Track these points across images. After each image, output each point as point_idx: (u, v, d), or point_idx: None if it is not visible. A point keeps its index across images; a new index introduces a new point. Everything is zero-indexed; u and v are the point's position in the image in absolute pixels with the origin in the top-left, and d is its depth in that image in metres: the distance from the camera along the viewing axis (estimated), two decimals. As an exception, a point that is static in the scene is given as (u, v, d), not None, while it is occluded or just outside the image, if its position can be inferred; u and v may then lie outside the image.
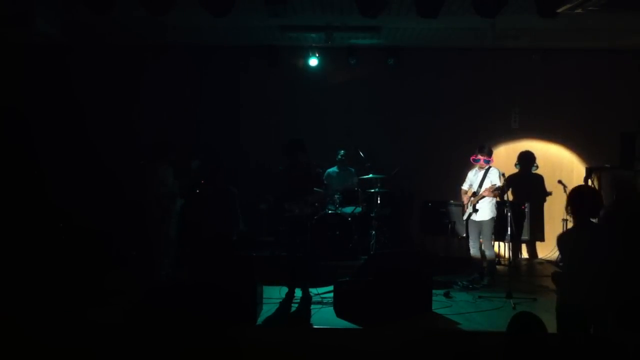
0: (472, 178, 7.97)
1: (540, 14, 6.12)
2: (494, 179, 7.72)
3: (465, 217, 7.90)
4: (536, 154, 9.86)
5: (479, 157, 7.83)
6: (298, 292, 7.16)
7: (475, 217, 7.76)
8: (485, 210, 7.77)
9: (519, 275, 8.68)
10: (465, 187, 8.04)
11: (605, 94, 9.85)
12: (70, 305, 7.07)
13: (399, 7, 6.88)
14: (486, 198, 7.71)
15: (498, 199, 7.68)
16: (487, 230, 7.84)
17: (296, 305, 7.01)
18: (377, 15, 6.28)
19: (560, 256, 4.77)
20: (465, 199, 7.94)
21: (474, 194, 7.80)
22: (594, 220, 4.60)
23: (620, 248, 4.35)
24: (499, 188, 7.62)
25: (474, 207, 7.74)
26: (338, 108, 10.05)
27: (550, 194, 9.74)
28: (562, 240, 4.61)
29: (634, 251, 4.57)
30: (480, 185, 7.80)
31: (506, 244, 9.17)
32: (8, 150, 7.17)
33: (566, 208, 4.57)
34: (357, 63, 9.90)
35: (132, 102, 10.02)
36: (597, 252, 4.33)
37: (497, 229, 7.96)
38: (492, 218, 7.82)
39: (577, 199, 4.50)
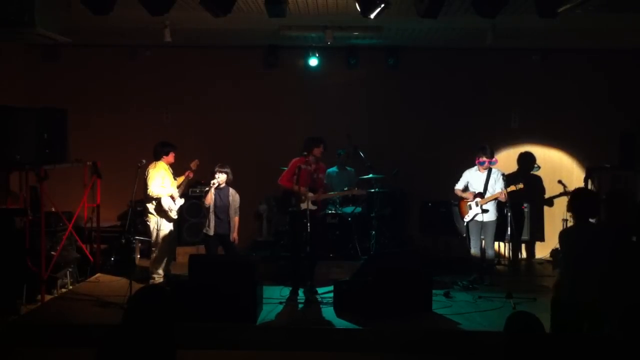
0: (471, 179, 7.95)
1: (540, 14, 6.11)
2: (500, 182, 7.71)
3: (469, 218, 7.88)
4: (536, 154, 9.86)
5: (484, 159, 7.81)
6: (301, 292, 7.18)
7: (483, 218, 7.75)
8: (492, 211, 7.78)
9: (519, 275, 8.68)
10: (460, 187, 8.01)
11: (605, 94, 9.84)
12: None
13: (399, 7, 6.87)
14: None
15: (505, 200, 7.65)
16: (492, 231, 7.86)
17: (299, 304, 7.03)
18: (377, 15, 6.27)
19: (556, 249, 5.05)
20: (467, 195, 7.88)
21: (480, 195, 7.78)
22: (592, 221, 4.84)
23: (618, 251, 4.54)
24: (520, 190, 7.58)
25: (481, 207, 7.72)
26: (338, 108, 10.04)
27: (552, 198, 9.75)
28: (563, 236, 4.85)
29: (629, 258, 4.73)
30: (486, 187, 7.79)
31: (506, 244, 9.19)
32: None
33: (567, 208, 4.78)
34: (357, 63, 9.90)
35: (132, 101, 10.05)
36: (593, 251, 4.58)
37: (497, 229, 7.97)
38: (497, 218, 7.87)
39: (577, 200, 4.81)
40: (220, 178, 7.37)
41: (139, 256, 9.18)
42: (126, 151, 9.43)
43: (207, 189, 7.43)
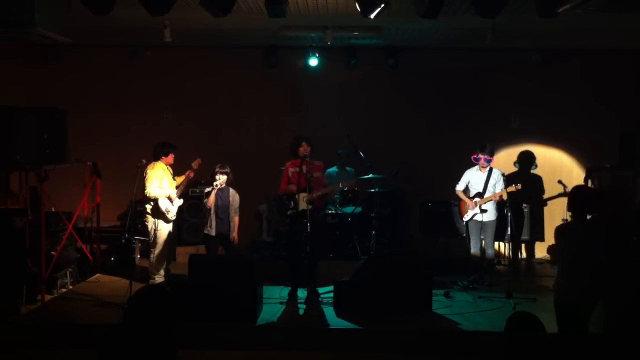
0: (472, 178, 7.95)
1: (540, 14, 6.11)
2: (500, 182, 7.71)
3: (468, 218, 7.88)
4: (536, 154, 9.86)
5: (480, 156, 7.82)
6: (300, 293, 7.17)
7: (483, 218, 7.75)
8: (491, 211, 7.78)
9: (519, 275, 8.67)
10: (460, 187, 8.01)
11: (605, 94, 9.84)
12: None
13: (399, 7, 6.87)
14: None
15: (505, 199, 7.66)
16: (491, 230, 7.86)
17: (299, 304, 7.03)
18: (377, 15, 6.27)
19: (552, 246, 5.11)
20: (467, 200, 7.90)
21: (479, 195, 7.78)
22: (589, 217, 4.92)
23: (611, 245, 4.67)
24: (519, 190, 7.58)
25: (480, 207, 7.72)
26: (338, 108, 10.05)
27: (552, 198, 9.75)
28: (559, 233, 4.89)
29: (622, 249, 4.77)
30: (485, 187, 7.79)
31: (506, 243, 9.19)
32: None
33: (567, 206, 4.92)
34: (357, 63, 9.90)
35: (132, 101, 10.05)
36: (588, 247, 4.63)
37: (497, 228, 7.97)
38: (497, 218, 7.87)
39: (574, 197, 4.86)
40: (222, 179, 7.38)
41: (139, 256, 9.17)
42: (126, 151, 9.43)
43: (207, 190, 7.42)
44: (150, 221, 7.64)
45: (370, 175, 9.07)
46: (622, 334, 3.62)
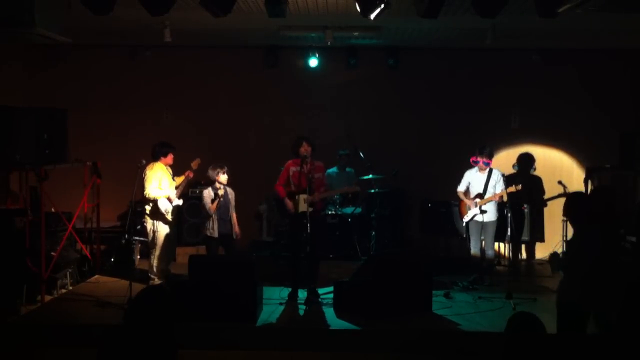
0: (472, 179, 7.95)
1: (540, 14, 6.11)
2: (501, 182, 7.71)
3: (468, 218, 7.88)
4: (536, 154, 9.84)
5: (478, 158, 7.82)
6: (301, 293, 7.16)
7: (483, 218, 7.74)
8: (491, 212, 7.78)
9: (519, 276, 8.67)
10: (462, 188, 8.01)
11: (605, 94, 9.84)
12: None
13: (399, 7, 6.87)
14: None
15: (505, 199, 7.66)
16: (492, 231, 7.86)
17: (299, 305, 7.02)
18: (377, 15, 6.27)
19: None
20: (467, 201, 7.90)
21: (480, 196, 7.78)
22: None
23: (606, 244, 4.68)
24: (519, 191, 7.57)
25: (480, 208, 7.72)
26: (338, 108, 10.05)
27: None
28: (568, 245, 5.02)
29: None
30: (486, 188, 7.79)
31: (506, 244, 9.19)
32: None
33: (563, 213, 4.97)
34: (357, 63, 9.90)
35: (132, 101, 10.05)
36: (586, 246, 4.65)
37: (498, 229, 7.97)
38: (498, 219, 7.87)
39: (572, 204, 4.90)
40: (225, 179, 7.38)
41: (138, 257, 9.17)
42: (126, 151, 9.43)
43: (212, 197, 7.37)
44: (150, 222, 7.64)
45: (370, 176, 9.07)
46: (622, 334, 3.62)
